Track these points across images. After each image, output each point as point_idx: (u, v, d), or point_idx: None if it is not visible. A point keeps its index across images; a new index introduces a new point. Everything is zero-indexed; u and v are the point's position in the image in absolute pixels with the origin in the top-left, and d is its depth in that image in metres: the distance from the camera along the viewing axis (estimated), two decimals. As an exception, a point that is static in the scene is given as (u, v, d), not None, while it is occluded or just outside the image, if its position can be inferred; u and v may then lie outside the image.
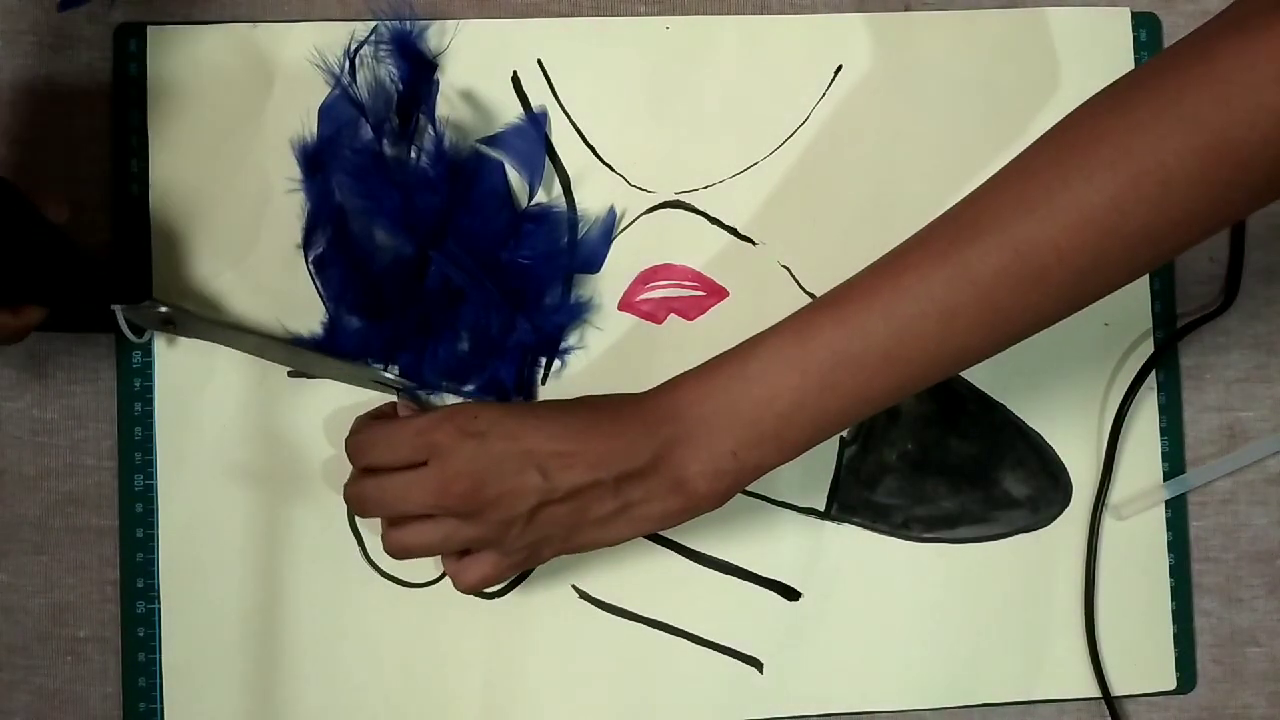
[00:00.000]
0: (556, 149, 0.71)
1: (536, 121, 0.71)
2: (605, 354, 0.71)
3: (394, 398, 0.69)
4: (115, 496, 0.69)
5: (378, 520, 0.67)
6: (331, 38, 0.70)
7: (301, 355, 0.69)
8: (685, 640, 0.71)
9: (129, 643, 0.69)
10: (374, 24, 0.70)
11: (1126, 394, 0.73)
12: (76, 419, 0.69)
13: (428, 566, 0.69)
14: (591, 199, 0.71)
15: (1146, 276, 0.74)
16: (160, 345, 0.69)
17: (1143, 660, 0.73)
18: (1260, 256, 0.75)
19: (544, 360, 0.70)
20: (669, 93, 0.72)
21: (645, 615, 0.71)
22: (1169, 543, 0.74)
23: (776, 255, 0.72)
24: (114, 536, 0.69)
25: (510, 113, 0.71)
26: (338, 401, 0.70)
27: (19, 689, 0.69)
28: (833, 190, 0.72)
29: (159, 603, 0.69)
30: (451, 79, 0.71)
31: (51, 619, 0.69)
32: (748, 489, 0.70)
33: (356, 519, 0.69)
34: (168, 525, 0.69)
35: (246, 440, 0.69)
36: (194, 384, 0.69)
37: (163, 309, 0.66)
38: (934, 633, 0.72)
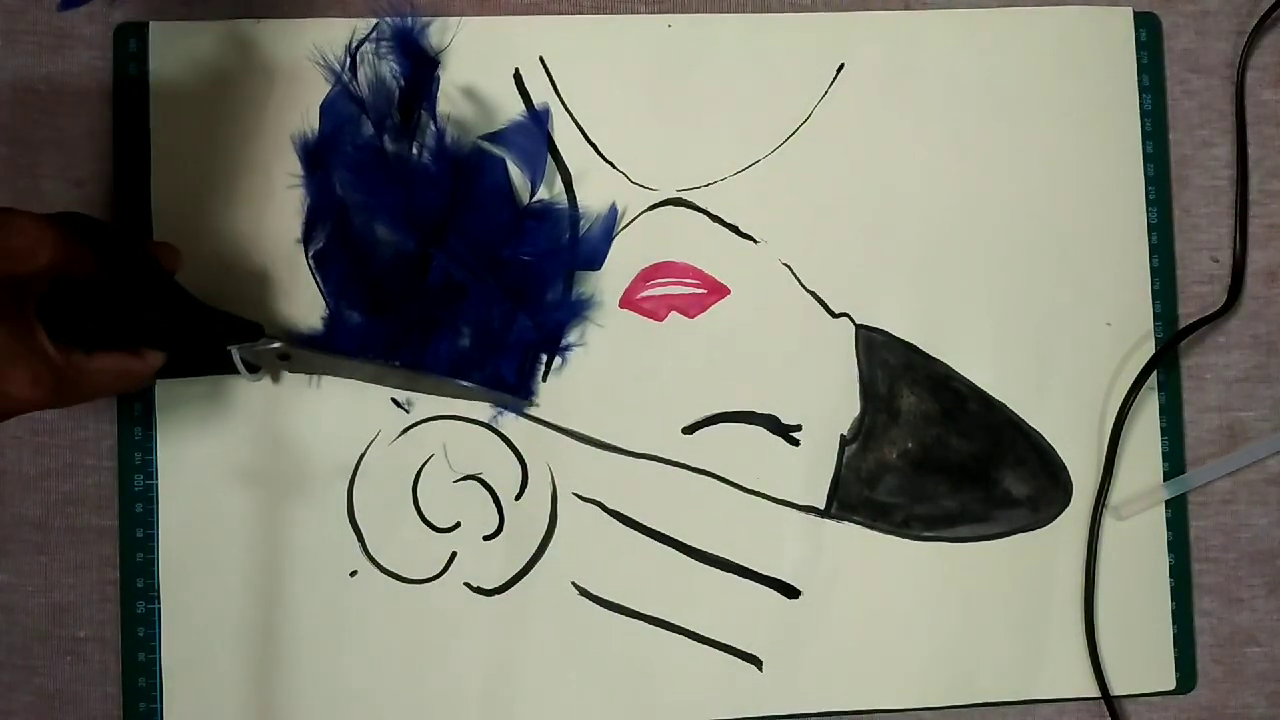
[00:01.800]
0: (558, 146, 0.71)
1: (538, 118, 0.71)
2: (606, 351, 0.71)
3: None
4: (115, 496, 0.69)
5: (378, 516, 0.68)
6: (333, 35, 0.70)
7: (419, 379, 0.69)
8: (685, 637, 0.71)
9: (129, 642, 0.69)
10: (375, 21, 0.70)
11: (1127, 394, 0.73)
12: (76, 419, 0.69)
13: (429, 564, 0.70)
14: (593, 196, 0.71)
15: (1148, 275, 0.74)
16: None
17: (1142, 660, 0.73)
18: (1261, 257, 0.75)
19: (545, 357, 0.70)
20: (670, 90, 0.72)
21: (645, 612, 0.70)
22: (1169, 542, 0.74)
23: (778, 253, 0.72)
24: (114, 536, 0.69)
25: (512, 110, 0.71)
26: (337, 400, 0.70)
27: (19, 689, 0.69)
28: (834, 188, 0.72)
29: (159, 602, 0.69)
30: (453, 76, 0.71)
31: (51, 619, 0.69)
32: (747, 487, 0.71)
33: (356, 516, 0.69)
34: (167, 525, 0.69)
35: (246, 439, 0.69)
36: (193, 384, 0.69)
37: (275, 345, 0.66)
38: (934, 631, 0.72)
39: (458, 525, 0.70)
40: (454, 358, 0.69)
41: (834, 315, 0.72)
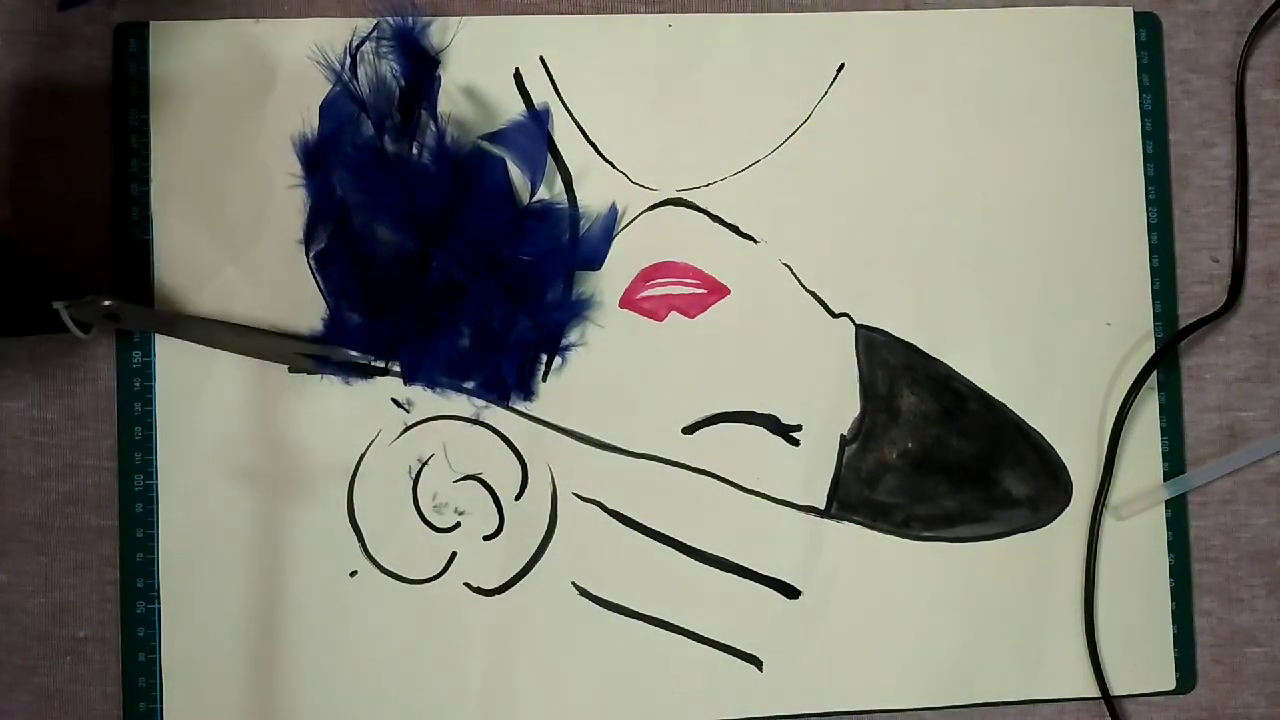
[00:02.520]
0: (558, 146, 0.71)
1: (539, 118, 0.71)
2: (606, 351, 0.71)
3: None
4: (115, 496, 0.69)
5: (378, 516, 0.68)
6: (333, 34, 0.70)
7: (254, 337, 0.68)
8: (685, 638, 0.71)
9: (129, 642, 0.69)
10: (376, 21, 0.70)
11: (1127, 394, 0.73)
12: (77, 419, 0.69)
13: (429, 564, 0.70)
14: (593, 196, 0.71)
15: (1148, 275, 0.74)
16: (160, 345, 0.69)
17: (1143, 660, 0.73)
18: (1261, 257, 0.75)
19: (545, 357, 0.70)
20: (671, 90, 0.72)
21: (645, 612, 0.70)
22: (1169, 542, 0.74)
23: (778, 253, 0.72)
24: (114, 536, 0.69)
25: (512, 109, 0.71)
26: (338, 399, 0.70)
27: (19, 689, 0.69)
28: (834, 188, 0.72)
29: (159, 602, 0.69)
30: (454, 75, 0.71)
31: (51, 619, 0.69)
32: (747, 487, 0.71)
33: (356, 516, 0.69)
34: (168, 525, 0.69)
35: (246, 439, 0.69)
36: (194, 383, 0.69)
37: (106, 303, 0.65)
38: (933, 631, 0.72)
39: (458, 525, 0.70)
40: (454, 358, 0.69)
41: (834, 315, 0.72)
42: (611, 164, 0.71)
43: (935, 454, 0.72)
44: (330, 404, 0.70)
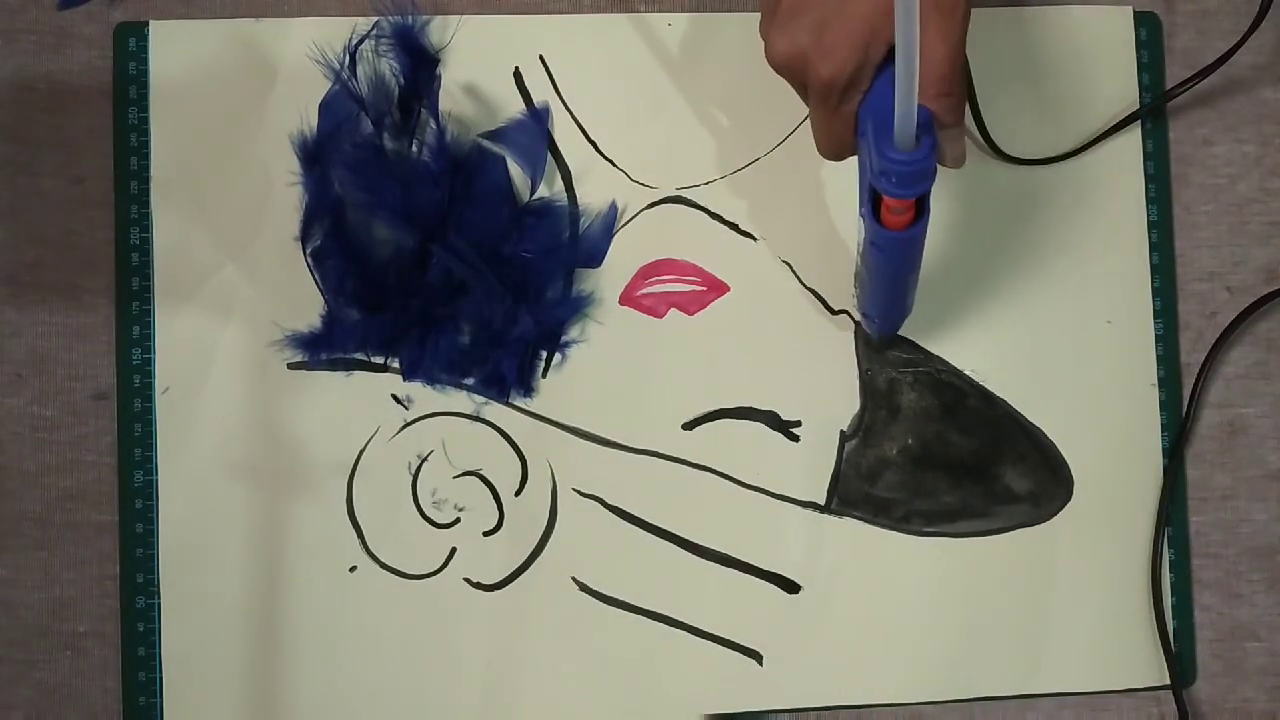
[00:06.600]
0: (558, 144, 0.71)
1: (539, 117, 0.71)
2: (606, 348, 0.71)
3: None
4: (115, 492, 0.69)
5: (378, 512, 0.69)
6: (333, 33, 0.70)
7: None
8: (685, 632, 0.71)
9: (129, 637, 0.69)
10: (375, 19, 0.70)
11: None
12: (76, 415, 0.70)
13: (428, 559, 0.70)
14: (593, 194, 0.71)
15: (1148, 271, 0.74)
16: (159, 339, 0.69)
17: (1141, 655, 0.73)
18: (1260, 254, 0.75)
19: (545, 353, 0.70)
20: (670, 89, 0.72)
21: (645, 607, 0.70)
22: (1169, 538, 0.74)
23: (777, 251, 0.72)
24: (114, 532, 0.69)
25: (512, 108, 0.71)
26: (336, 395, 0.70)
27: (19, 684, 0.69)
28: (833, 186, 0.72)
29: (159, 597, 0.69)
30: (454, 74, 0.71)
31: (51, 614, 0.69)
32: (747, 483, 0.71)
33: (356, 512, 0.70)
34: (167, 520, 0.69)
35: (246, 434, 0.69)
36: (193, 378, 0.69)
37: None
38: (933, 626, 0.72)
39: (457, 521, 0.70)
40: (454, 354, 0.69)
41: (833, 312, 0.72)
42: (611, 162, 0.72)
43: (935, 450, 0.72)
44: (330, 400, 0.70)
